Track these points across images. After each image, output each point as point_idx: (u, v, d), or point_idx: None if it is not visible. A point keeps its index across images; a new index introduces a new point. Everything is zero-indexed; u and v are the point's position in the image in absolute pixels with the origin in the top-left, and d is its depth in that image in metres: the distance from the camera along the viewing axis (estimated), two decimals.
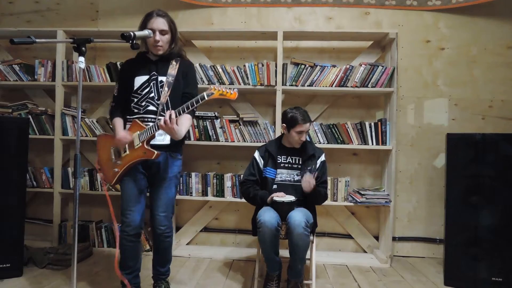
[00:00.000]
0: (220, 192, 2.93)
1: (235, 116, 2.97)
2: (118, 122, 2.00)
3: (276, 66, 2.85)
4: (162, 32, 1.92)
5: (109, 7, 3.27)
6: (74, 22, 3.28)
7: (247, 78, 2.89)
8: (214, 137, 2.92)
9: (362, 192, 2.79)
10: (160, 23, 1.91)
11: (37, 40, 1.49)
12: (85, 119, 3.00)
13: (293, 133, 2.24)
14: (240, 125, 2.91)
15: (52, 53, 3.03)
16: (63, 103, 3.03)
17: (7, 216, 2.31)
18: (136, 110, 1.96)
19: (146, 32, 1.84)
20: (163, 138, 1.96)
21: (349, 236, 3.09)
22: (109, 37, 3.05)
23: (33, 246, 2.74)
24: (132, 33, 1.72)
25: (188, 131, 2.91)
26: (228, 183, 2.92)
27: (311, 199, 2.25)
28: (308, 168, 2.25)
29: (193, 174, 2.95)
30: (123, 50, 3.21)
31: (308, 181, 2.14)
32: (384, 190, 2.88)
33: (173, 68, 1.99)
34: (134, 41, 1.75)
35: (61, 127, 3.01)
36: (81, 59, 1.55)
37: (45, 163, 3.24)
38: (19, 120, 2.51)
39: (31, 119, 3.01)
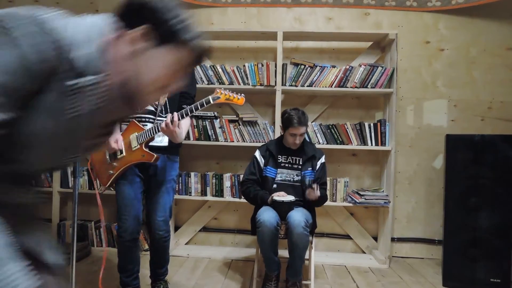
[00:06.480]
0: (219, 192, 2.93)
1: (235, 116, 2.97)
2: None
3: (275, 66, 2.85)
4: None
5: (109, 6, 3.27)
6: None
7: (247, 78, 2.89)
8: (214, 137, 2.92)
9: (361, 193, 2.79)
10: None
11: None
12: None
13: (287, 135, 2.25)
14: (239, 125, 2.91)
15: None
16: None
17: None
18: None
19: None
20: (161, 140, 1.93)
21: (348, 237, 3.09)
22: None
23: None
24: None
25: (188, 131, 2.91)
26: (227, 183, 2.91)
27: (313, 204, 2.25)
28: (307, 182, 2.20)
29: (192, 174, 2.95)
30: None
31: (313, 195, 2.12)
32: (383, 191, 2.88)
33: None
34: None
35: None
36: None
37: None
38: None
39: None
